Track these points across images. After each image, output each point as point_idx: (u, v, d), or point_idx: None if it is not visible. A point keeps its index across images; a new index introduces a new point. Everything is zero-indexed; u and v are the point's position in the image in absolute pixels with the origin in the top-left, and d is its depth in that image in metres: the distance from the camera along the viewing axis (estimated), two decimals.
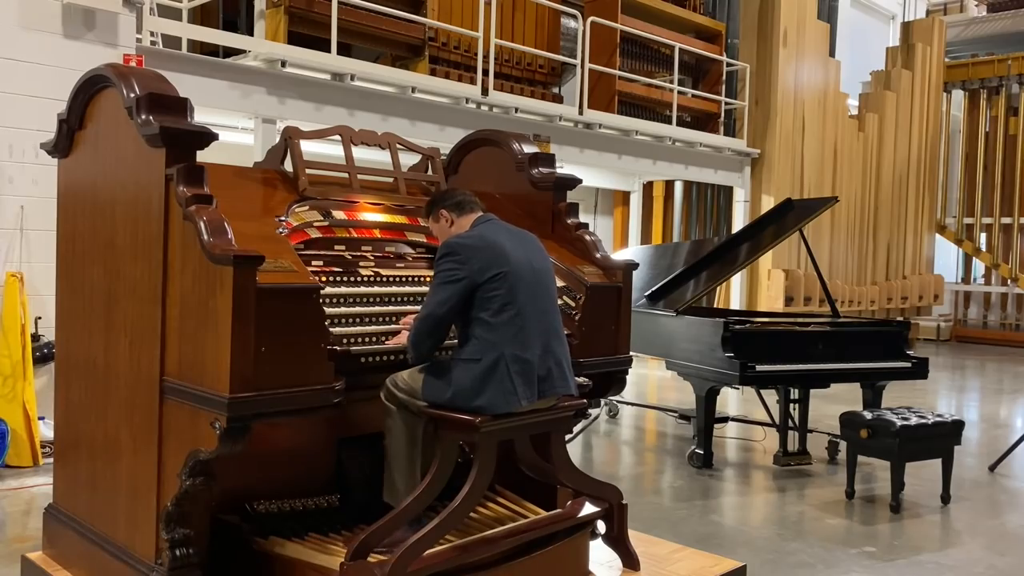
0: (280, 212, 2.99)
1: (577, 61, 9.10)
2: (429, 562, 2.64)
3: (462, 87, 8.00)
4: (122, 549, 2.80)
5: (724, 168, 11.31)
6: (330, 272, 3.04)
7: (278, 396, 2.43)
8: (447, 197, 3.09)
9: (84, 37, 5.52)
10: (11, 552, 3.62)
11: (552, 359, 2.86)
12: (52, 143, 3.17)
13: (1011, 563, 4.00)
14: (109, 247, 2.89)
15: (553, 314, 2.95)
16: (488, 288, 2.77)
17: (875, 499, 4.95)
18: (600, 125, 9.42)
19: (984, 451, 6.36)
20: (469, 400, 2.72)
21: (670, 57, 10.34)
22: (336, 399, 2.55)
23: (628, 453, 6.18)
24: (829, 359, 5.47)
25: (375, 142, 3.52)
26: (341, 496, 3.17)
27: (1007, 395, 9.55)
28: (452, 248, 2.81)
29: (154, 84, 2.70)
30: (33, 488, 4.63)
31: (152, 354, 2.64)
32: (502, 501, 3.36)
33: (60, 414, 3.25)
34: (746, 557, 3.70)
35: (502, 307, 2.77)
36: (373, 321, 2.94)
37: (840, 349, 5.54)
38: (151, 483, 2.65)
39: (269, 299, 2.40)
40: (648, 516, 4.44)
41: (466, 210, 3.04)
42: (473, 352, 2.75)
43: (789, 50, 11.47)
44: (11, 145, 5.26)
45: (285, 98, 6.72)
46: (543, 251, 3.05)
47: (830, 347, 5.51)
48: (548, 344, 2.86)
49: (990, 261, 14.92)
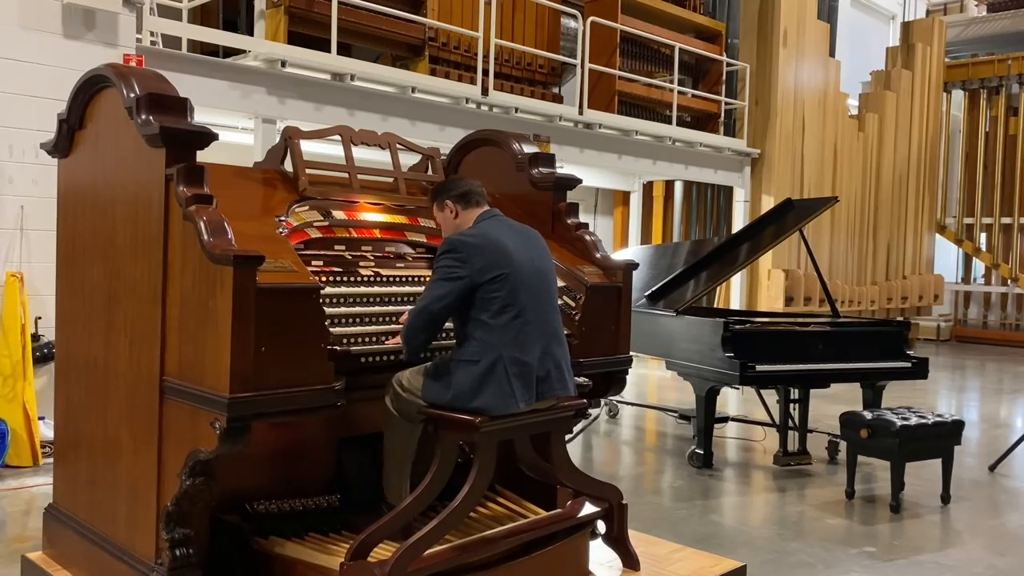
0: (280, 212, 2.99)
1: (577, 61, 9.10)
2: (429, 562, 2.64)
3: (462, 87, 8.00)
4: (122, 549, 2.80)
5: (724, 168, 11.31)
6: (330, 272, 3.04)
7: (278, 396, 2.43)
8: (454, 187, 3.04)
9: (84, 37, 5.52)
10: (11, 552, 3.62)
11: (551, 361, 2.86)
12: (52, 143, 3.17)
13: (1011, 563, 4.00)
14: (109, 247, 2.89)
15: (553, 315, 2.94)
16: (488, 289, 2.76)
17: (875, 499, 4.95)
18: (600, 125, 9.42)
19: (984, 451, 6.36)
20: (467, 401, 2.72)
21: (670, 57, 10.34)
22: (336, 399, 2.55)
23: (628, 453, 6.18)
24: (829, 359, 5.47)
25: (375, 142, 3.52)
26: (341, 496, 3.18)
27: (1007, 395, 9.55)
28: (454, 246, 2.81)
29: (154, 84, 2.70)
30: (33, 488, 4.63)
31: (152, 354, 2.64)
32: (502, 501, 3.37)
33: (60, 414, 3.25)
34: (746, 557, 3.69)
35: (502, 309, 2.76)
36: (373, 321, 2.94)
37: (840, 349, 5.54)
38: (151, 483, 2.65)
39: (269, 299, 2.40)
40: (648, 516, 4.44)
41: (472, 203, 3.01)
42: (472, 354, 2.75)
43: (789, 50, 11.47)
44: (11, 145, 5.26)
45: (285, 98, 6.72)
46: (546, 250, 3.04)
47: (830, 347, 5.51)
48: (548, 346, 2.86)
49: (990, 261, 14.92)
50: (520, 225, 3.04)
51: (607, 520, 3.25)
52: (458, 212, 3.00)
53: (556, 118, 8.90)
